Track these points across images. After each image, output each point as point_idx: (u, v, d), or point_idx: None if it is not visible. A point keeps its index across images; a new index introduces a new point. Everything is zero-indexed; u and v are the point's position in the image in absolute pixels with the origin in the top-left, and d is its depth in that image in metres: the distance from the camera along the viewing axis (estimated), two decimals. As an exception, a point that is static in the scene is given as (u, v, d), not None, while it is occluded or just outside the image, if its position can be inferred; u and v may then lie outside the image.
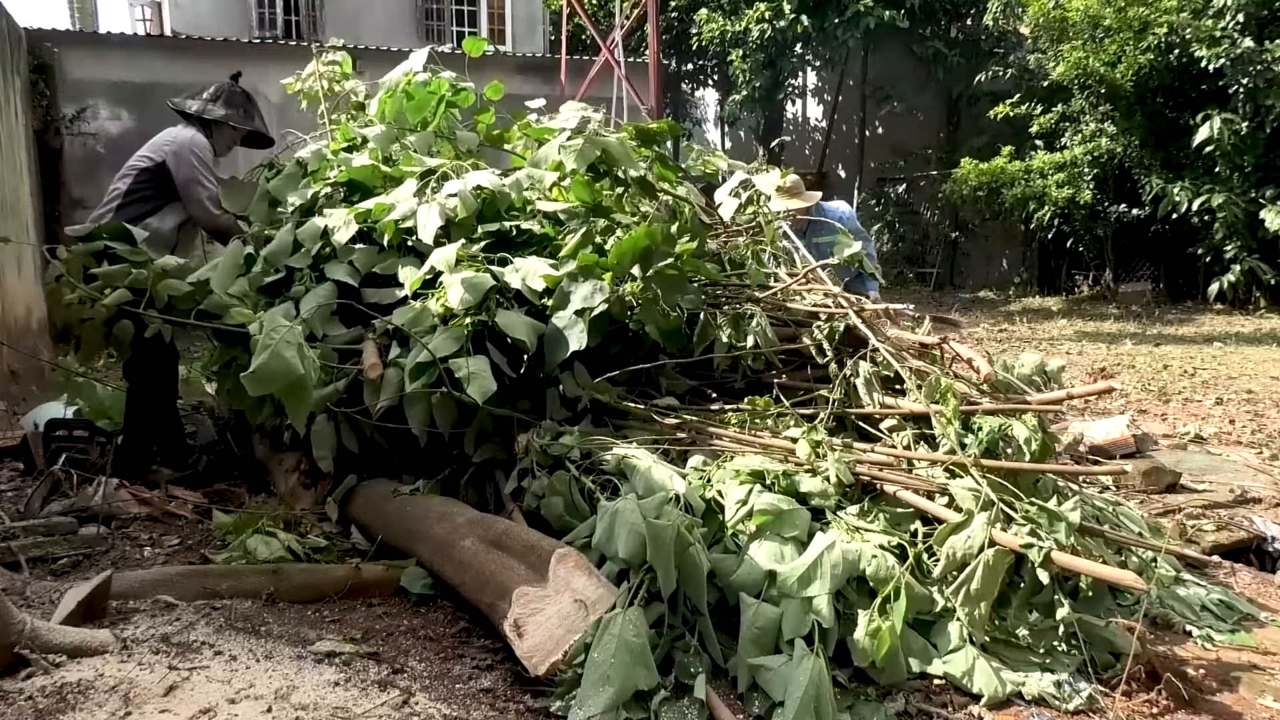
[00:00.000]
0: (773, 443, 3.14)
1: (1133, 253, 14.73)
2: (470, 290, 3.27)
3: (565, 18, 15.24)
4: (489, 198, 3.80)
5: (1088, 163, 13.77)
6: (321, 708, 2.14)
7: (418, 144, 4.23)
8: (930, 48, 16.94)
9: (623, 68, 13.01)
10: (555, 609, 2.39)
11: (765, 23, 16.05)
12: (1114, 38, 12.95)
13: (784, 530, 2.68)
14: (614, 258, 3.42)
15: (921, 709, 2.38)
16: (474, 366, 3.16)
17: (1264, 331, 10.72)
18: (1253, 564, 3.56)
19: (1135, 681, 2.45)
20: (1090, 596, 2.80)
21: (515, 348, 3.32)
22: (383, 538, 3.20)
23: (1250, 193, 12.17)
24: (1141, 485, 4.20)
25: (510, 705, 2.30)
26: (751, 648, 2.42)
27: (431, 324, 3.33)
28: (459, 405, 3.27)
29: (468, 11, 17.72)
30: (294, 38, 16.25)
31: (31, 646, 2.24)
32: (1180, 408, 6.46)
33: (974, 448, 2.93)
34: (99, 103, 12.27)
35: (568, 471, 3.08)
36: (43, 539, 3.27)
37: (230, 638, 2.51)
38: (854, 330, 3.69)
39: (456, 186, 3.65)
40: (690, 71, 21.33)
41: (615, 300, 3.41)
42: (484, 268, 3.44)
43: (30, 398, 5.91)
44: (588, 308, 3.30)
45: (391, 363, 3.34)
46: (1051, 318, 12.75)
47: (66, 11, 23.52)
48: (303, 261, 3.76)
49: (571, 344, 3.26)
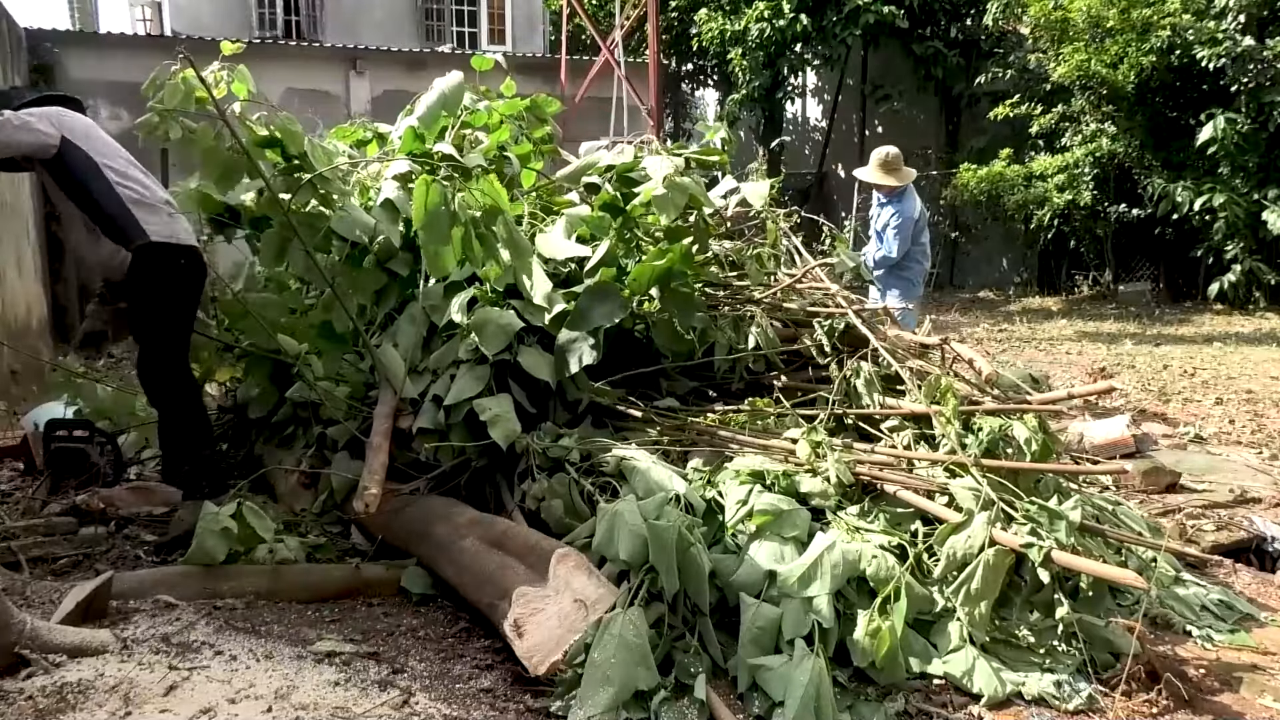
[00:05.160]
0: (773, 443, 3.14)
1: (1132, 253, 14.72)
2: (502, 334, 3.34)
3: (565, 18, 15.25)
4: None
5: (1088, 163, 13.76)
6: (321, 708, 2.14)
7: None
8: (930, 48, 16.93)
9: (623, 68, 13.01)
10: (555, 609, 2.39)
11: (765, 22, 16.03)
12: (1116, 39, 12.94)
13: (784, 530, 2.68)
14: (637, 277, 3.47)
15: (921, 709, 2.38)
16: (498, 409, 3.23)
17: (1264, 331, 10.71)
18: (1253, 564, 3.56)
19: (1135, 681, 2.45)
20: (1090, 596, 2.80)
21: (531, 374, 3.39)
22: (383, 538, 3.20)
23: (1252, 193, 12.17)
24: (1141, 485, 4.20)
25: (510, 705, 2.30)
26: (752, 648, 2.42)
27: (455, 360, 3.41)
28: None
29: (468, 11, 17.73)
30: (294, 38, 16.26)
31: (32, 646, 2.24)
32: (1180, 408, 6.45)
33: (974, 448, 2.93)
34: (99, 103, 12.26)
35: (568, 473, 3.09)
36: (43, 539, 3.27)
37: (230, 638, 2.51)
38: (854, 330, 3.69)
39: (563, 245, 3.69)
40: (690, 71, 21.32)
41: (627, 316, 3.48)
42: (504, 302, 3.49)
43: (30, 398, 5.92)
44: (602, 325, 3.34)
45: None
46: (1051, 318, 12.74)
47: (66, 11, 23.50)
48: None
49: (585, 359, 3.31)
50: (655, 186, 3.52)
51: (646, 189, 3.62)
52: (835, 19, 16.01)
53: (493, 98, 4.34)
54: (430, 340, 3.66)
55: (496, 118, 4.28)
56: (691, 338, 3.61)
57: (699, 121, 5.39)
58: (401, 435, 3.39)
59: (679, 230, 3.76)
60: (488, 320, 3.39)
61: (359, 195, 4.06)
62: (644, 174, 3.70)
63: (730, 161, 4.76)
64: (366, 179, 4.16)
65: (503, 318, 3.40)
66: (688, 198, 3.55)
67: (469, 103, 4.19)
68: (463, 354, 3.42)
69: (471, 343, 3.38)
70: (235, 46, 3.55)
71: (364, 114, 12.55)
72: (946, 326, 10.84)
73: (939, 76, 17.19)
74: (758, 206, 4.32)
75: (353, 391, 3.83)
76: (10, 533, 3.25)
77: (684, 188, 3.53)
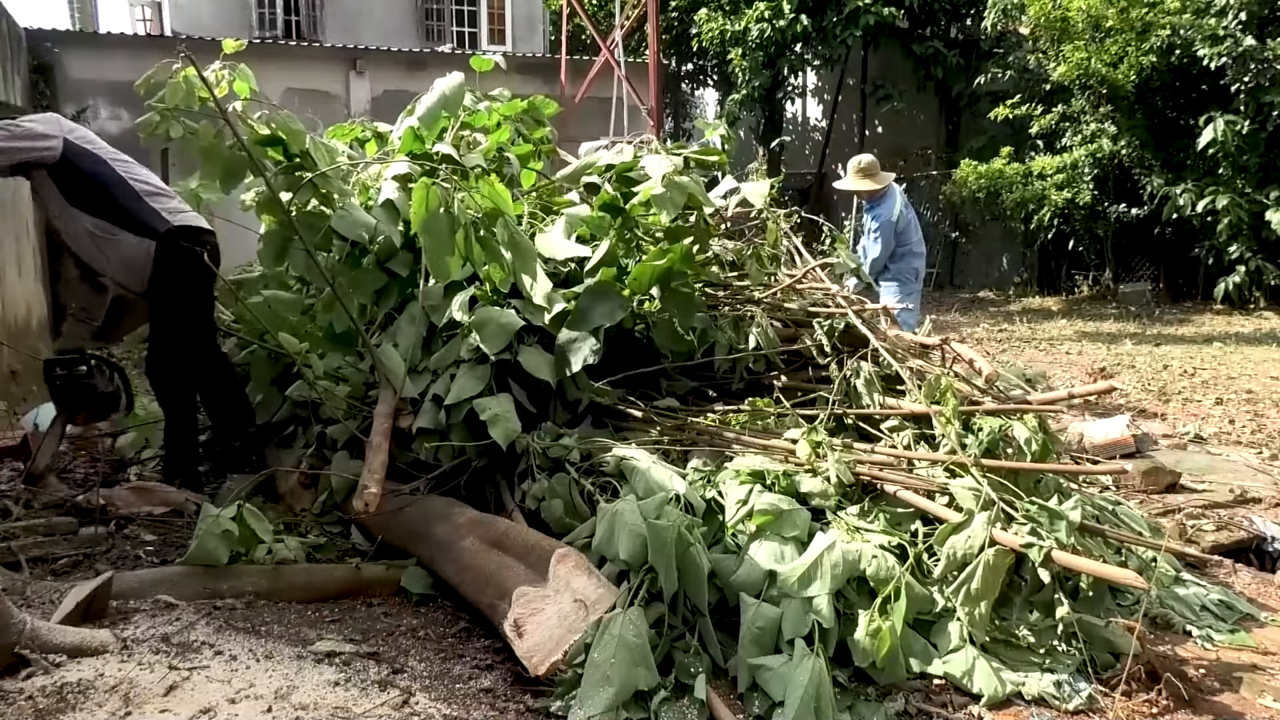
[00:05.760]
0: (773, 443, 3.14)
1: (1133, 253, 14.72)
2: (503, 333, 3.34)
3: (565, 18, 15.25)
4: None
5: (1088, 163, 13.76)
6: (321, 708, 2.14)
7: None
8: (930, 48, 16.93)
9: (623, 68, 13.01)
10: (555, 609, 2.39)
11: (765, 22, 16.04)
12: (1115, 38, 12.94)
13: (784, 530, 2.68)
14: (637, 277, 3.46)
15: (921, 709, 2.38)
16: (498, 408, 3.23)
17: (1264, 331, 10.71)
18: (1253, 564, 3.56)
19: (1135, 681, 2.45)
20: (1090, 596, 2.80)
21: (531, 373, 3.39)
22: (383, 538, 3.20)
23: (1253, 193, 12.17)
24: (1141, 485, 4.20)
25: (510, 705, 2.30)
26: (752, 648, 2.42)
27: (455, 359, 3.41)
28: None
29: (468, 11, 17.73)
30: (294, 38, 16.26)
31: (32, 646, 2.24)
32: (1180, 408, 6.45)
33: (974, 448, 2.93)
34: (99, 103, 12.28)
35: (568, 473, 3.09)
36: (43, 539, 3.27)
37: (230, 638, 2.51)
38: (854, 330, 3.69)
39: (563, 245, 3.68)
40: (690, 71, 21.33)
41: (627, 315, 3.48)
42: (505, 301, 3.49)
43: (30, 398, 5.91)
44: (602, 325, 3.34)
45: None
46: (1051, 318, 12.74)
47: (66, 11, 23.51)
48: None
49: (586, 358, 3.31)
50: (655, 185, 3.52)
51: (646, 188, 3.62)
52: (835, 19, 16.02)
53: (493, 98, 4.34)
54: (430, 340, 3.66)
55: (496, 118, 4.28)
56: (691, 338, 3.61)
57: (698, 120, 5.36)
58: (401, 435, 3.39)
59: (679, 230, 3.76)
60: (488, 319, 3.40)
61: (359, 195, 4.06)
62: (643, 173, 3.70)
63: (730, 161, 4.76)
64: (367, 179, 4.16)
65: (503, 317, 3.40)
66: (687, 196, 3.54)
67: (469, 103, 4.19)
68: (463, 353, 3.42)
69: (472, 342, 3.38)
70: (237, 45, 3.55)
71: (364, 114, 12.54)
72: (946, 326, 10.84)
73: (939, 76, 17.20)
74: (758, 206, 4.32)
75: (353, 391, 3.84)
76: (10, 533, 3.24)
77: (683, 187, 3.53)
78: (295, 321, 3.97)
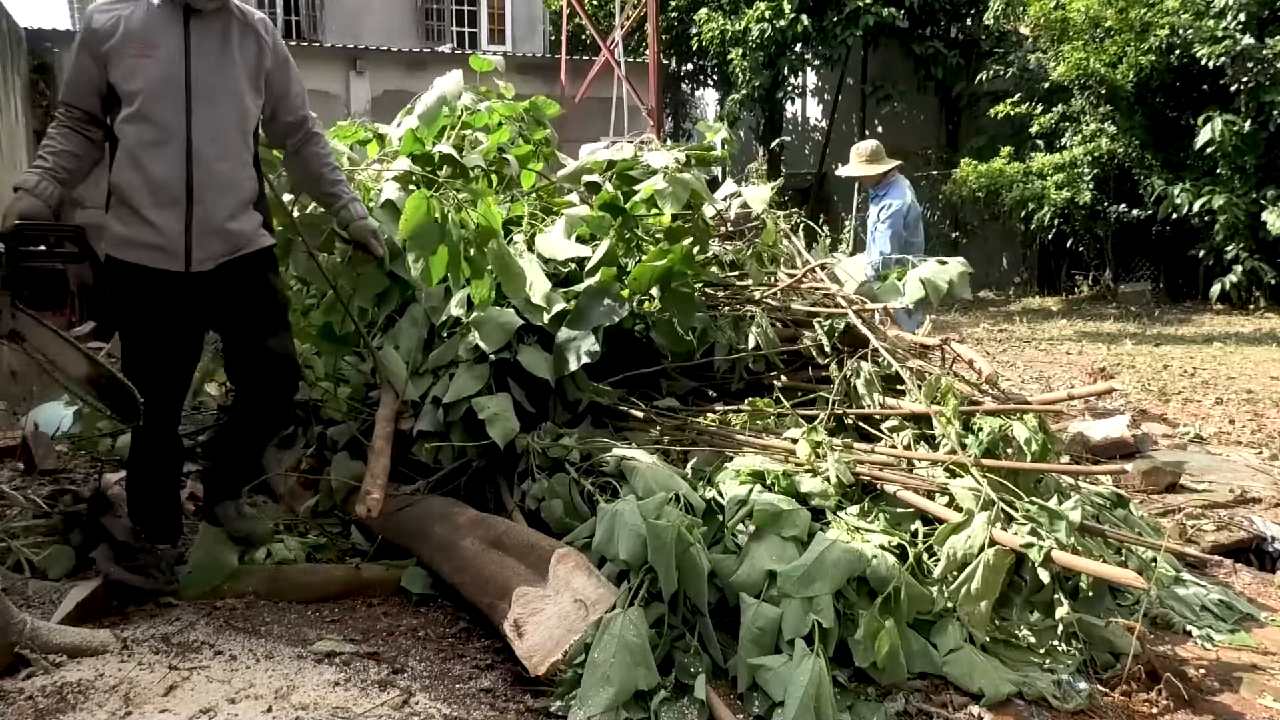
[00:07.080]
0: (773, 443, 3.14)
1: (1132, 253, 14.74)
2: (501, 332, 3.34)
3: (565, 18, 15.26)
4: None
5: (1087, 163, 13.77)
6: (321, 708, 2.14)
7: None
8: (930, 48, 16.94)
9: (623, 68, 13.02)
10: (555, 609, 2.40)
11: (765, 22, 16.05)
12: (1115, 38, 12.95)
13: (784, 530, 2.68)
14: (637, 277, 3.47)
15: (921, 709, 2.38)
16: (496, 407, 3.21)
17: (1264, 331, 10.72)
18: (1253, 564, 3.56)
19: (1135, 681, 2.45)
20: (1090, 596, 2.80)
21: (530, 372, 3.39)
22: (383, 538, 3.20)
23: (1251, 194, 12.17)
24: (1141, 485, 4.20)
25: (510, 705, 2.30)
26: (751, 648, 2.42)
27: (454, 359, 3.41)
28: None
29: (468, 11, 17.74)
30: (294, 38, 16.27)
31: (32, 646, 2.24)
32: (1180, 408, 6.46)
33: (974, 448, 2.93)
34: (99, 103, 12.25)
35: (567, 473, 3.09)
36: (43, 539, 3.27)
37: (230, 638, 2.52)
38: (854, 330, 3.69)
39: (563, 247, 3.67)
40: (690, 71, 21.34)
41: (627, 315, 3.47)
42: (504, 301, 3.49)
43: (30, 398, 5.91)
44: (602, 325, 3.34)
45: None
46: (1051, 318, 12.75)
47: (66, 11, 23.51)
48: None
49: (585, 357, 3.31)
50: (658, 180, 3.52)
51: (647, 186, 3.62)
52: (835, 20, 16.03)
53: (493, 98, 4.33)
54: (431, 342, 3.66)
55: (496, 119, 4.28)
56: (691, 338, 3.61)
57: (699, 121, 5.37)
58: (402, 438, 3.39)
59: (679, 230, 3.76)
60: (487, 318, 3.39)
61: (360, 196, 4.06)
62: (644, 170, 3.71)
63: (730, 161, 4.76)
64: (367, 180, 4.16)
65: (502, 316, 3.40)
66: (690, 192, 3.55)
67: (469, 103, 4.19)
68: (462, 352, 3.42)
69: (471, 341, 3.38)
70: None
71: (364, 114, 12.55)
72: (946, 326, 10.84)
73: (939, 76, 17.21)
74: (759, 210, 4.32)
75: (353, 392, 3.84)
76: (10, 533, 3.24)
77: (686, 182, 3.53)
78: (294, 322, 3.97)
